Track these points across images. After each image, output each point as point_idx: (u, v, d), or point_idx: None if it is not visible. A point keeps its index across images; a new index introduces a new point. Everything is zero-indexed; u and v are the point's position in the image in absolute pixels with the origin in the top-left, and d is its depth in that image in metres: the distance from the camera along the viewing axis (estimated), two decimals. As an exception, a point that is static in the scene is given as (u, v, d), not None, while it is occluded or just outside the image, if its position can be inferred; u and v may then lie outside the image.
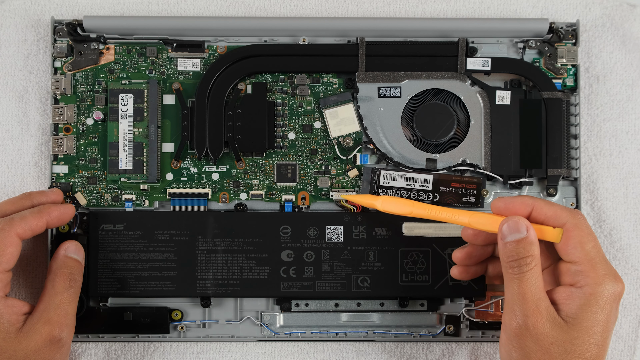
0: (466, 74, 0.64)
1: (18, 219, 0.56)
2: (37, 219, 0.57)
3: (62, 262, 0.58)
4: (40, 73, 0.65)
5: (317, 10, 0.66)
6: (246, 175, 0.64)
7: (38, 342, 0.54)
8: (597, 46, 0.66)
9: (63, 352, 0.56)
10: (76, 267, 0.59)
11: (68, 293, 0.57)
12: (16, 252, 0.55)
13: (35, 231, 0.57)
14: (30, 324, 0.55)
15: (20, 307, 0.55)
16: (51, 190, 0.61)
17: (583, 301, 0.50)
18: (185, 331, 0.64)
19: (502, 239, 0.52)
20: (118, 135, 0.63)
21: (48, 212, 0.58)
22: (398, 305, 0.63)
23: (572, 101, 0.64)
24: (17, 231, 0.55)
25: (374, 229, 0.63)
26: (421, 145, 0.64)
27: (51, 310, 0.56)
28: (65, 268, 0.58)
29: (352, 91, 0.64)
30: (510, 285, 0.51)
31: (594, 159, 0.65)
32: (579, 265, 0.51)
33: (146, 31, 0.64)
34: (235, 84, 0.64)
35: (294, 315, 0.63)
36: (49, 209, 0.58)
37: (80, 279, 0.59)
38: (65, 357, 0.57)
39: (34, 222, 0.56)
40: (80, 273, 0.59)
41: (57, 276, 0.57)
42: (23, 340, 0.54)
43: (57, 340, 0.55)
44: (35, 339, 0.54)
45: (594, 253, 0.51)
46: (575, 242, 0.51)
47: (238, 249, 0.62)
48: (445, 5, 0.66)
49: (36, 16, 0.65)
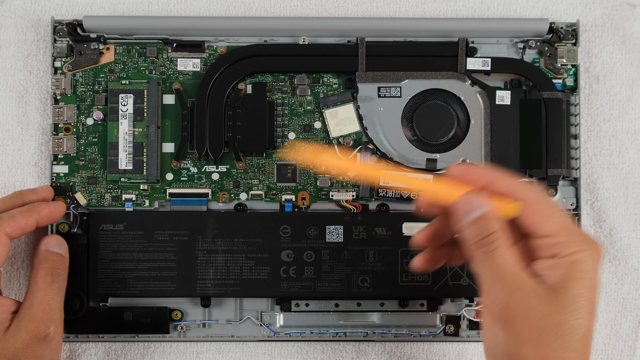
0: (466, 74, 0.64)
1: (7, 218, 0.56)
2: (26, 217, 0.57)
3: (43, 257, 0.58)
4: (40, 73, 0.65)
5: (317, 10, 0.66)
6: (246, 175, 0.64)
7: (25, 339, 0.54)
8: (597, 46, 0.66)
9: (52, 347, 0.55)
10: (59, 261, 0.58)
11: (51, 288, 0.56)
12: (5, 251, 0.55)
13: (25, 230, 0.57)
14: (17, 322, 0.55)
15: (9, 306, 0.55)
16: (41, 188, 0.61)
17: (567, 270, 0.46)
18: (185, 331, 0.64)
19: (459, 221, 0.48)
20: (118, 135, 0.63)
21: (37, 211, 0.58)
22: (398, 305, 0.63)
23: (572, 101, 0.64)
24: (5, 230, 0.55)
25: (374, 229, 0.63)
26: (421, 145, 0.64)
27: (35, 306, 0.55)
28: (47, 262, 0.57)
29: (352, 91, 0.64)
30: (483, 267, 0.47)
31: (594, 159, 0.65)
32: (555, 237, 0.47)
33: (146, 31, 0.64)
34: (235, 84, 0.64)
35: (294, 315, 0.63)
36: (38, 208, 0.58)
37: (64, 272, 0.58)
38: (56, 353, 0.56)
39: (23, 221, 0.56)
40: (63, 266, 0.58)
41: (38, 272, 0.57)
42: (10, 338, 0.54)
43: (43, 337, 0.55)
44: (22, 337, 0.54)
45: (566, 222, 0.48)
46: (545, 215, 0.47)
47: (238, 249, 0.62)
48: (445, 5, 0.66)
49: (36, 16, 0.65)
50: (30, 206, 0.58)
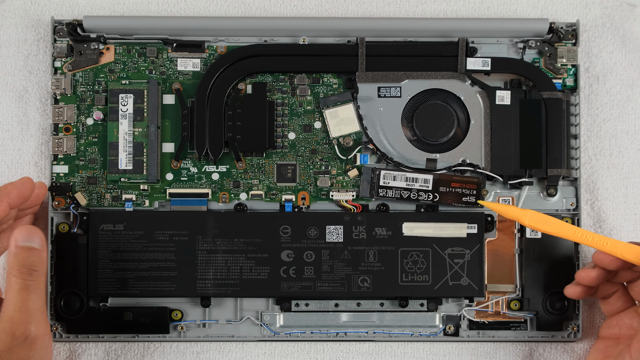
0: (466, 74, 0.64)
1: None
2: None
3: (14, 255, 0.53)
4: (40, 73, 0.65)
5: (317, 10, 0.66)
6: (246, 175, 0.64)
7: (6, 342, 0.52)
8: (597, 46, 0.66)
9: (37, 348, 0.53)
10: (32, 257, 0.53)
11: (25, 288, 0.53)
12: None
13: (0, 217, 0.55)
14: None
15: None
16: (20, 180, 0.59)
17: None
18: (185, 331, 0.64)
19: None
20: (118, 135, 0.63)
21: (6, 194, 0.56)
22: (398, 305, 0.63)
23: (572, 101, 0.64)
24: None
25: (374, 229, 0.63)
26: (421, 145, 0.64)
27: (10, 309, 0.52)
28: (17, 261, 0.53)
29: (352, 91, 0.64)
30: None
31: (594, 159, 0.65)
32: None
33: (146, 31, 0.64)
34: (235, 84, 0.64)
35: (294, 315, 0.63)
36: (5, 190, 0.56)
37: (41, 266, 0.53)
38: (45, 352, 0.54)
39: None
40: (39, 260, 0.53)
41: (10, 273, 0.53)
42: None
43: (23, 338, 0.52)
44: (3, 340, 0.52)
45: None
46: None
47: (238, 249, 0.62)
48: (445, 5, 0.66)
49: (36, 16, 0.65)
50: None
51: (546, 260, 0.63)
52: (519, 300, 0.64)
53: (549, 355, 0.64)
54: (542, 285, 0.63)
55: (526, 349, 0.65)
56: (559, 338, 0.64)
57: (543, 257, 0.63)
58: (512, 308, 0.64)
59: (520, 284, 0.63)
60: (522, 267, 0.63)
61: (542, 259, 0.63)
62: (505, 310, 0.64)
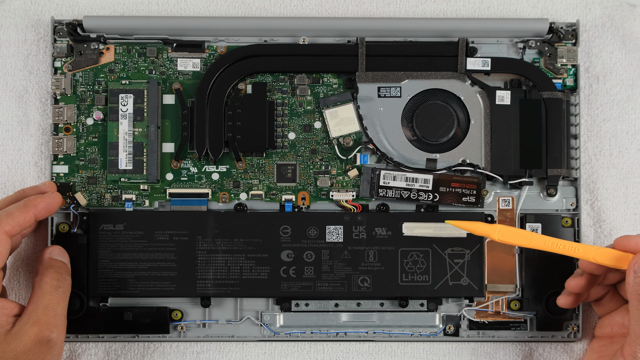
0: (466, 74, 0.64)
1: (4, 216, 0.55)
2: (24, 213, 0.56)
3: (48, 263, 0.58)
4: (40, 73, 0.65)
5: (317, 10, 0.66)
6: (246, 175, 0.64)
7: (27, 343, 0.54)
8: (597, 46, 0.66)
9: (54, 353, 0.55)
10: (63, 268, 0.58)
11: (57, 293, 0.56)
12: (5, 250, 0.54)
13: (24, 226, 0.56)
14: (19, 326, 0.54)
15: (11, 309, 0.55)
16: (43, 184, 0.61)
17: None
18: (185, 331, 0.64)
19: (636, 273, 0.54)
20: (118, 135, 0.63)
21: (34, 205, 0.57)
22: (398, 305, 0.63)
23: (572, 101, 0.64)
24: (4, 229, 0.54)
25: (374, 229, 0.63)
26: (421, 145, 0.64)
27: (39, 310, 0.55)
28: (52, 268, 0.57)
29: (352, 91, 0.64)
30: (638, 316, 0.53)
31: (594, 159, 0.65)
32: None
33: (146, 31, 0.64)
34: (235, 84, 0.64)
35: (294, 315, 0.63)
36: (34, 202, 0.57)
37: (69, 279, 0.58)
38: (57, 358, 0.56)
39: (21, 218, 0.55)
40: (67, 273, 0.58)
41: (44, 276, 0.57)
42: (12, 342, 0.53)
43: (46, 341, 0.54)
44: (24, 341, 0.53)
45: None
46: None
47: (238, 249, 0.62)
48: (445, 5, 0.66)
49: (36, 16, 0.65)
50: (26, 201, 0.57)
51: (546, 260, 0.63)
52: (519, 300, 0.64)
53: (549, 355, 0.64)
54: (542, 285, 0.63)
55: (526, 349, 0.65)
56: (559, 338, 0.64)
57: (543, 257, 0.63)
58: (512, 308, 0.64)
59: (520, 284, 0.64)
60: (522, 267, 0.63)
61: (542, 259, 0.63)
62: (505, 310, 0.64)
